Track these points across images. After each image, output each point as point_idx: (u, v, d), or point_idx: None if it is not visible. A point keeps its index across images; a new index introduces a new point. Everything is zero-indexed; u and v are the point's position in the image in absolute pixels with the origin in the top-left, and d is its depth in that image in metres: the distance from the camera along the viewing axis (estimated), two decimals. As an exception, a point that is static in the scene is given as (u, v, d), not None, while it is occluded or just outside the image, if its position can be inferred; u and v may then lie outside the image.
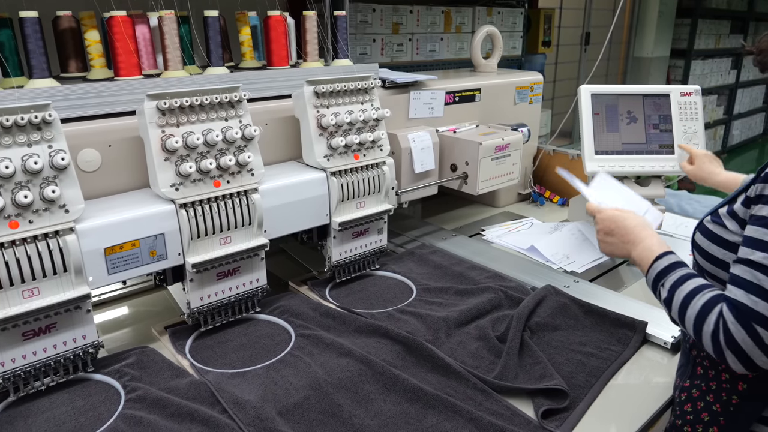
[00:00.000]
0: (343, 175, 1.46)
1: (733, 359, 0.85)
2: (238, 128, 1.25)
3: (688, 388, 1.03)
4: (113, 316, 1.51)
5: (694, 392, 1.01)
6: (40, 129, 1.04)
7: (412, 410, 1.08)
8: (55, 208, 1.05)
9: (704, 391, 1.00)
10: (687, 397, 1.02)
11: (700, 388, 1.01)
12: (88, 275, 1.11)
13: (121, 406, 1.09)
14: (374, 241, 1.61)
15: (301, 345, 1.28)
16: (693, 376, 1.03)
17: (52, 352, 1.11)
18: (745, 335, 0.83)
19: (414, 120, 1.83)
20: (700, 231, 0.99)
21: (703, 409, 0.99)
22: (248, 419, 1.03)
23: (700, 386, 1.01)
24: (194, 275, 1.27)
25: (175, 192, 1.19)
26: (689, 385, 1.03)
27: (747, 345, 0.83)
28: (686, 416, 1.01)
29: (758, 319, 0.82)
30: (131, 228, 1.15)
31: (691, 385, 1.03)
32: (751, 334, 0.82)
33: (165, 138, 1.18)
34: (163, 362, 1.22)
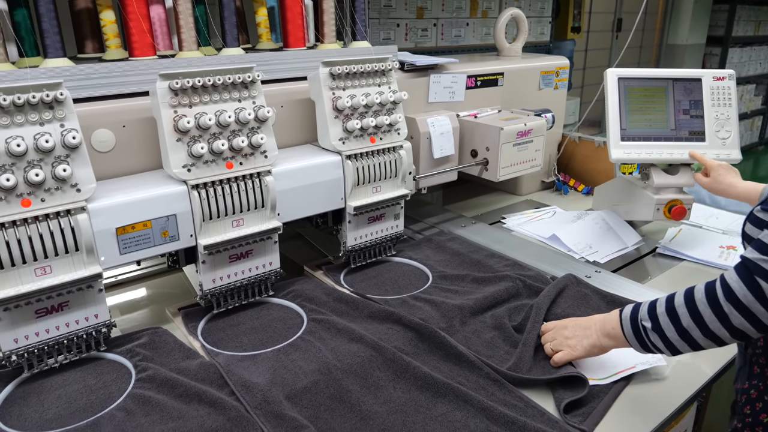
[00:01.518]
0: (359, 159, 1.44)
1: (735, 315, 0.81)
2: (251, 109, 1.24)
3: (747, 390, 0.98)
4: (130, 298, 1.52)
5: (753, 393, 0.97)
6: (52, 108, 1.04)
7: (422, 398, 1.06)
8: (67, 187, 1.05)
9: (762, 390, 0.95)
10: (746, 400, 0.98)
11: (758, 388, 0.96)
12: (100, 255, 1.12)
13: (131, 385, 1.10)
14: (390, 227, 1.59)
15: (312, 329, 1.27)
16: (750, 376, 0.98)
17: (65, 330, 1.12)
18: (746, 290, 0.79)
19: (433, 104, 1.80)
20: (751, 221, 0.94)
21: (762, 409, 0.94)
22: (255, 402, 1.03)
23: (758, 386, 0.96)
24: (206, 257, 1.26)
25: (187, 173, 1.19)
26: (748, 387, 0.99)
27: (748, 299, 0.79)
28: (745, 419, 0.96)
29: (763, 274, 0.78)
30: (143, 208, 1.15)
31: (750, 386, 0.98)
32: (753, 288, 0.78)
33: (177, 118, 1.17)
34: (174, 343, 1.22)
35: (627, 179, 1.82)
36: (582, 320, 1.12)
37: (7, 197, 1.00)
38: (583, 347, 1.09)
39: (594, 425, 1.02)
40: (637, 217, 1.76)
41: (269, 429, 0.97)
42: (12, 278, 1.03)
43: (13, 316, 1.06)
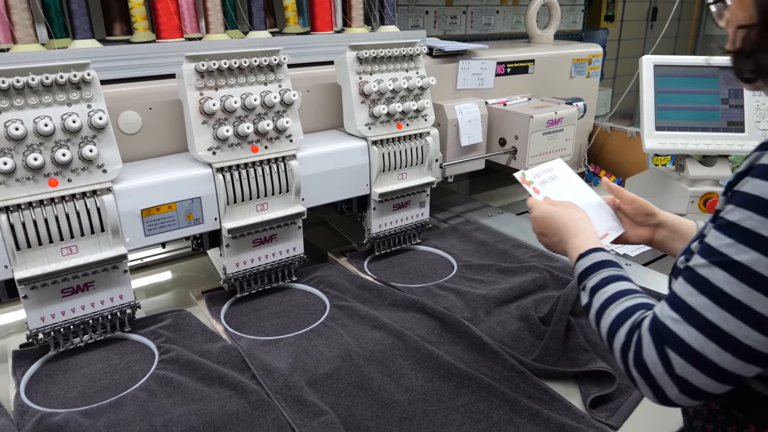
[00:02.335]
0: (385, 145, 1.42)
1: (642, 384, 0.67)
2: (277, 93, 1.23)
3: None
4: (155, 280, 1.53)
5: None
6: (80, 88, 1.04)
7: (445, 388, 1.05)
8: (93, 167, 1.06)
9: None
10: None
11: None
12: (125, 236, 1.12)
13: (154, 366, 1.10)
14: (415, 215, 1.57)
15: (335, 316, 1.26)
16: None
17: (90, 310, 1.13)
18: (656, 359, 0.64)
19: (462, 91, 1.77)
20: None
21: None
22: (276, 386, 1.02)
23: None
24: (230, 241, 1.26)
25: (212, 156, 1.18)
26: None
27: (656, 370, 0.64)
28: None
29: (674, 343, 0.63)
30: (168, 190, 1.15)
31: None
32: (662, 357, 0.64)
33: (203, 101, 1.16)
34: (197, 326, 1.22)
35: (660, 171, 1.77)
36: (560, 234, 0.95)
37: (34, 176, 1.01)
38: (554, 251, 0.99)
39: (621, 421, 0.99)
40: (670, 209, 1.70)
41: (289, 414, 0.96)
42: (39, 257, 1.04)
43: (40, 294, 1.07)
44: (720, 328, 0.61)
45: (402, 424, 0.97)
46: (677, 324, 0.64)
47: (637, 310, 0.72)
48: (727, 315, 0.61)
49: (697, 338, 0.62)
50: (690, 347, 0.62)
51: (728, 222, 0.62)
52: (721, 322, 0.61)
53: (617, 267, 0.83)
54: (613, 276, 0.80)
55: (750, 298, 0.59)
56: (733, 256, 0.61)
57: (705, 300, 0.62)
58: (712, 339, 0.61)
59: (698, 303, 0.63)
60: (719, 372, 0.62)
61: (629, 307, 0.73)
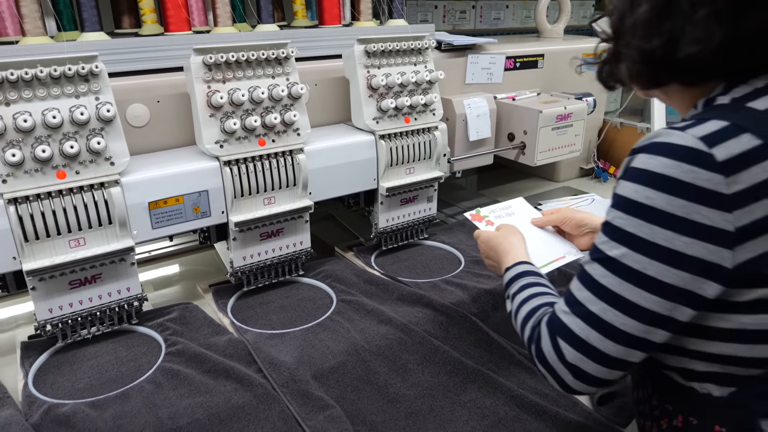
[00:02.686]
0: (393, 139, 1.41)
1: (546, 374, 0.74)
2: (284, 86, 1.22)
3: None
4: (163, 274, 1.54)
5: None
6: (88, 81, 1.04)
7: (451, 383, 1.04)
8: (101, 160, 1.06)
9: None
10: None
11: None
12: (133, 228, 1.12)
13: (160, 358, 1.10)
14: (423, 210, 1.56)
15: (341, 310, 1.26)
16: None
17: (98, 302, 1.14)
18: (551, 349, 0.72)
19: (471, 85, 1.75)
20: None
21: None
22: (282, 380, 1.02)
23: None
24: (237, 234, 1.26)
25: (220, 149, 1.18)
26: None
27: (551, 359, 0.72)
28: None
29: (563, 333, 0.71)
30: (175, 183, 1.15)
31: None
32: (555, 347, 0.72)
33: (210, 94, 1.16)
34: (204, 319, 1.22)
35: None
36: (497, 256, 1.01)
37: (43, 168, 1.01)
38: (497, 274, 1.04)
39: (629, 419, 0.98)
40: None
41: (295, 407, 0.96)
42: (47, 249, 1.05)
43: (48, 286, 1.08)
44: (600, 317, 0.68)
45: (408, 419, 0.97)
46: (567, 316, 0.71)
47: (542, 308, 0.80)
48: (605, 305, 0.68)
49: (583, 328, 0.69)
50: (577, 336, 0.70)
51: (605, 221, 0.69)
52: (600, 312, 0.68)
53: (536, 275, 0.90)
54: (529, 283, 0.87)
55: (622, 289, 0.67)
56: (607, 252, 0.68)
57: (587, 293, 0.70)
58: (595, 328, 0.69)
59: (582, 296, 0.70)
60: (604, 358, 0.68)
61: (536, 305, 0.81)
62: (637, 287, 0.66)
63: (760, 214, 0.61)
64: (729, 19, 0.62)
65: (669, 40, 0.66)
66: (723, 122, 0.63)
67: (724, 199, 0.61)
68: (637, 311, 0.66)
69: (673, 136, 0.64)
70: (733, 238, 0.62)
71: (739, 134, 0.61)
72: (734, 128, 0.62)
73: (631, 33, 0.70)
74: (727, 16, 0.62)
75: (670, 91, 0.75)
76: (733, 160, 0.61)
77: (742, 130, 0.62)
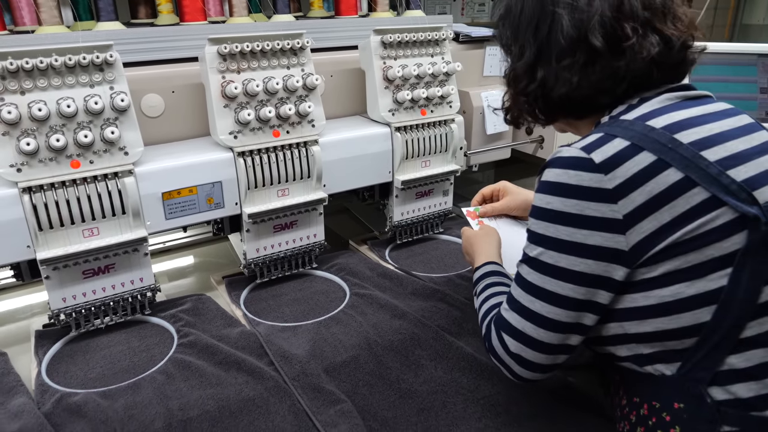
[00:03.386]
0: (408, 131, 1.40)
1: (498, 366, 0.84)
2: (299, 77, 1.21)
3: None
4: (176, 265, 1.54)
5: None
6: (102, 70, 1.04)
7: (465, 380, 1.03)
8: (115, 149, 1.05)
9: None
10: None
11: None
12: (146, 219, 1.12)
13: (173, 349, 1.10)
14: (439, 203, 1.55)
15: (354, 304, 1.25)
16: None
17: (111, 292, 1.14)
18: (497, 342, 0.83)
19: (488, 78, 1.72)
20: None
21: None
22: (293, 373, 1.01)
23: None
24: (251, 226, 1.25)
25: (234, 140, 1.17)
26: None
27: (499, 351, 0.82)
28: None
29: (505, 327, 0.82)
30: (189, 174, 1.15)
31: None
32: (500, 340, 0.82)
33: (225, 84, 1.15)
34: (217, 311, 1.22)
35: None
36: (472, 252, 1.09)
37: (57, 158, 1.01)
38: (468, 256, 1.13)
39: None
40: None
41: (306, 401, 0.95)
42: (60, 238, 1.05)
43: (62, 275, 1.08)
44: (531, 309, 0.79)
45: (420, 415, 0.95)
46: (507, 312, 0.82)
47: (496, 307, 0.88)
48: (532, 298, 0.79)
49: (519, 321, 0.80)
50: (515, 329, 0.80)
51: (528, 228, 0.81)
52: (530, 304, 0.79)
53: (499, 275, 0.98)
54: (492, 282, 0.96)
55: (543, 282, 0.78)
56: (529, 254, 0.80)
57: (519, 290, 0.81)
58: (528, 319, 0.79)
59: (516, 293, 0.81)
60: (541, 345, 0.79)
61: (493, 304, 0.90)
62: (555, 279, 0.77)
63: (640, 200, 0.71)
64: (582, 67, 0.80)
65: (541, 86, 0.84)
66: (599, 134, 0.76)
67: (608, 193, 0.72)
68: (560, 300, 0.77)
69: (563, 152, 0.77)
70: (622, 224, 0.72)
71: (611, 140, 0.74)
72: (607, 136, 0.75)
73: (514, 82, 0.89)
74: (581, 65, 0.80)
75: (575, 125, 0.92)
76: (609, 160, 0.72)
77: (613, 136, 0.74)
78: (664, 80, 0.82)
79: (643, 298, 0.75)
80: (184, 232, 1.36)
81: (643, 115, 0.78)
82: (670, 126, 0.75)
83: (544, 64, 0.83)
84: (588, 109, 0.86)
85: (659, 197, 0.70)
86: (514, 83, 0.89)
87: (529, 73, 0.86)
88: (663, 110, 0.78)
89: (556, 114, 0.89)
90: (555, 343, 0.78)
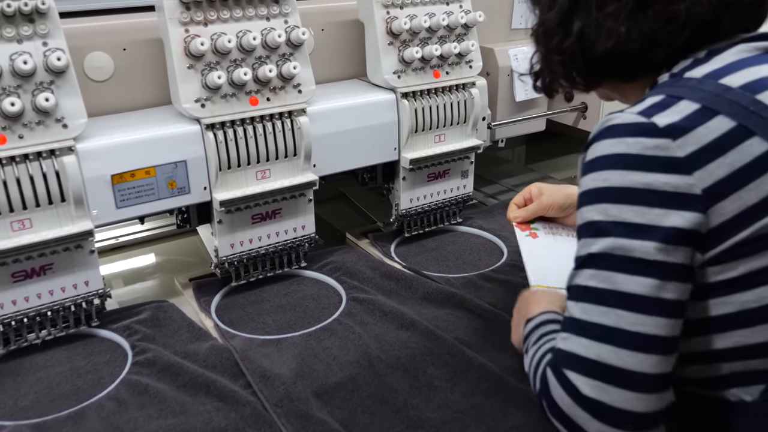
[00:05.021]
0: (418, 98, 1.40)
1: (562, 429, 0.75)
2: (282, 30, 1.20)
3: None
4: (133, 265, 1.55)
5: None
6: (33, 21, 1.02)
7: (489, 405, 1.02)
8: (51, 121, 1.04)
9: None
10: None
11: None
12: (92, 208, 1.11)
13: (126, 369, 1.10)
14: (456, 187, 1.55)
15: (352, 311, 1.25)
16: None
17: (49, 299, 1.13)
18: (560, 389, 0.73)
19: (518, 31, 1.74)
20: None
21: None
22: (275, 398, 1.01)
23: None
24: (223, 216, 1.25)
25: (201, 109, 1.17)
26: None
27: (565, 403, 0.73)
28: None
29: (569, 362, 0.73)
30: (145, 152, 1.15)
31: None
32: (564, 383, 0.73)
33: (189, 39, 1.15)
34: (182, 321, 1.22)
35: None
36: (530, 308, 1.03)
37: (-23, 132, 1.00)
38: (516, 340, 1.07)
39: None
40: None
41: None
42: (-17, 233, 1.04)
43: (-14, 279, 1.07)
44: (604, 325, 0.71)
45: (433, 450, 0.95)
46: (567, 342, 0.74)
47: (550, 352, 0.80)
48: (604, 309, 0.71)
49: (588, 346, 0.72)
50: (585, 359, 0.72)
51: (577, 227, 0.78)
52: (602, 318, 0.71)
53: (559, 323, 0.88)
54: (551, 330, 0.87)
55: (614, 283, 0.71)
56: (587, 251, 0.75)
57: (581, 305, 0.74)
58: (602, 340, 0.71)
59: (576, 311, 0.74)
60: (625, 376, 0.69)
61: (548, 349, 0.82)
62: (629, 274, 0.71)
63: (720, 173, 0.69)
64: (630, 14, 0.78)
65: (579, 40, 0.83)
66: (658, 96, 0.75)
67: (680, 162, 0.70)
68: (639, 302, 0.70)
69: (614, 119, 0.75)
70: (702, 201, 0.70)
71: (675, 102, 0.73)
72: (669, 99, 0.74)
73: (545, 38, 0.88)
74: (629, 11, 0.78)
75: (622, 90, 0.91)
76: (676, 125, 0.71)
77: (677, 98, 0.73)
78: (736, 27, 0.80)
79: (721, 305, 0.73)
80: (140, 224, 1.37)
81: (715, 72, 0.76)
82: (751, 85, 0.73)
83: (582, 13, 0.82)
84: (640, 68, 0.84)
85: (743, 172, 0.69)
86: (545, 39, 0.88)
87: (564, 25, 0.84)
88: (739, 65, 0.76)
89: (600, 76, 0.89)
90: (641, 371, 0.70)
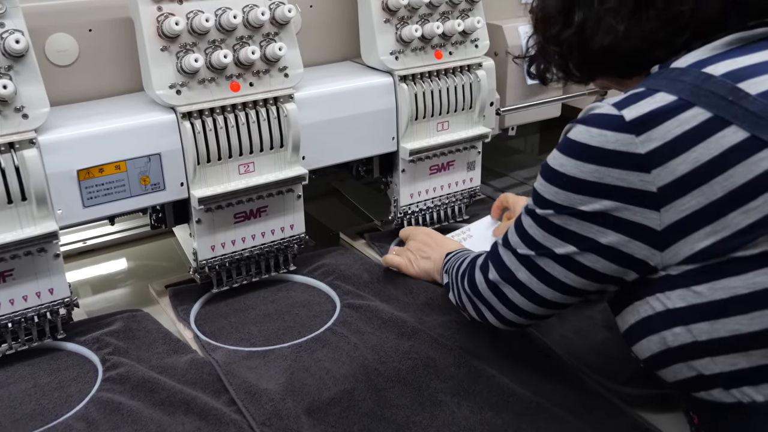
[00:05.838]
0: (419, 82, 1.41)
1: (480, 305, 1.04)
2: (266, 7, 1.21)
3: None
4: (103, 271, 1.56)
5: None
6: (-12, 0, 1.03)
7: (499, 422, 1.02)
8: (9, 111, 1.05)
9: None
10: None
11: None
12: (56, 207, 1.12)
13: (96, 386, 1.10)
14: (462, 181, 1.56)
15: (347, 319, 1.26)
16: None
17: (9, 309, 1.13)
18: (479, 273, 1.03)
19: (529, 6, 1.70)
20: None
21: None
22: (263, 416, 1.01)
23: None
24: (202, 215, 1.26)
25: (177, 96, 1.17)
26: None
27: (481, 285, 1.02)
28: None
29: (495, 261, 0.99)
30: (115, 144, 1.15)
31: None
32: (483, 269, 1.02)
33: (162, 18, 1.15)
34: (158, 332, 1.23)
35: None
36: (433, 240, 1.36)
37: (-72, 123, 1.00)
38: (419, 267, 1.34)
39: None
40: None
41: (279, 454, 0.95)
42: (-64, 235, 1.05)
43: (-60, 286, 1.08)
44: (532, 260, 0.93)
45: (437, 472, 0.96)
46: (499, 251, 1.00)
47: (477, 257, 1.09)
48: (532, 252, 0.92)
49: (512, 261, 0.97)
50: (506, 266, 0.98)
51: (534, 186, 0.90)
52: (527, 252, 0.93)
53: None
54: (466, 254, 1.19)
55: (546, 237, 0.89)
56: (532, 208, 0.90)
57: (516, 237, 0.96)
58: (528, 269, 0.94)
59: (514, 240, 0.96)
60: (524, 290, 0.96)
61: (472, 257, 1.12)
62: (558, 239, 0.87)
63: (683, 170, 0.74)
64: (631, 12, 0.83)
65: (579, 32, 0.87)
66: (639, 88, 0.80)
67: (638, 158, 0.76)
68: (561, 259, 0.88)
69: (596, 107, 0.81)
70: (655, 198, 0.76)
71: (651, 95, 0.77)
72: (648, 91, 0.78)
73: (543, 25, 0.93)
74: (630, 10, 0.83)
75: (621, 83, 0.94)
76: (643, 118, 0.76)
77: (655, 91, 0.77)
78: (741, 23, 0.82)
79: (708, 291, 0.77)
80: (110, 225, 1.36)
81: (700, 61, 0.79)
82: (734, 72, 0.75)
83: (584, 4, 0.86)
84: (637, 66, 0.88)
85: (709, 165, 0.73)
86: (543, 26, 0.93)
87: (565, 14, 0.88)
88: (728, 54, 0.79)
89: (595, 70, 0.94)
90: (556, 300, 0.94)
